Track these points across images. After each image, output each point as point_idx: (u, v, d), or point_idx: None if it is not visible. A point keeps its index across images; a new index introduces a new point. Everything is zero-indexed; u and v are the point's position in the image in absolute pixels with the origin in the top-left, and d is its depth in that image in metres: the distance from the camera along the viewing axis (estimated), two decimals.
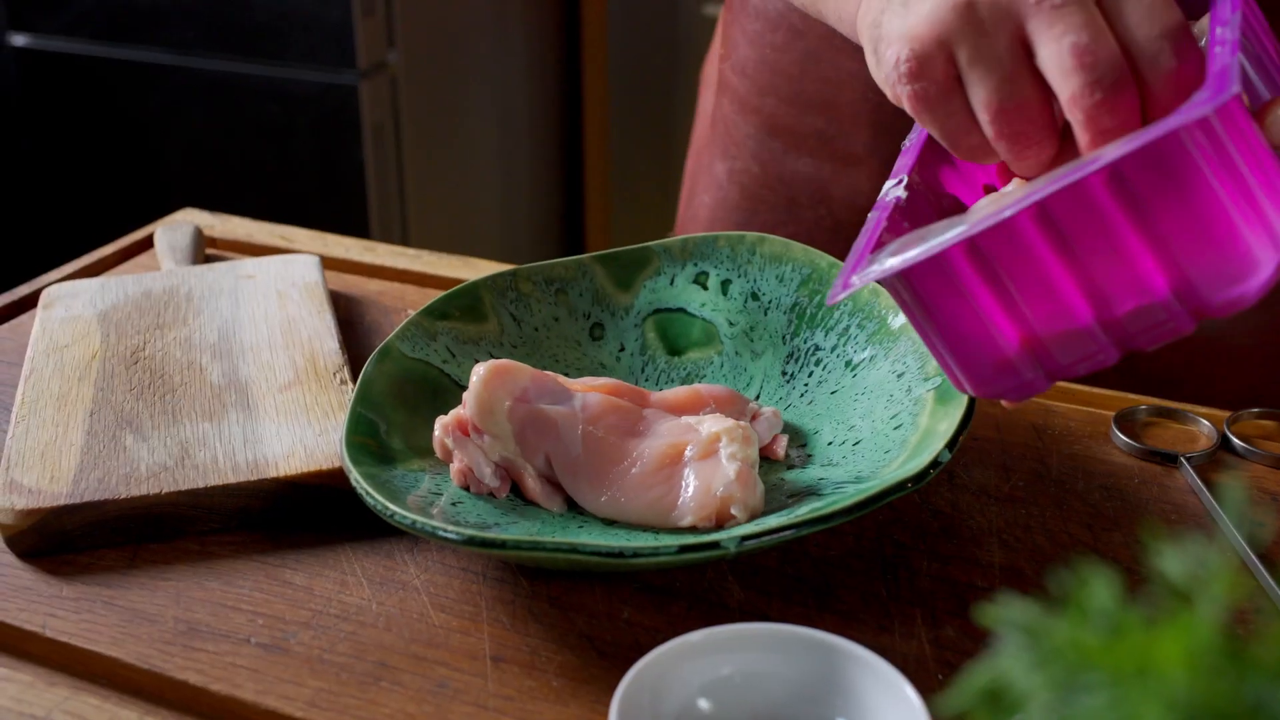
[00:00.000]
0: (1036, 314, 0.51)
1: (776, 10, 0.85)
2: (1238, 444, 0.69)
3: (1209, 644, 0.22)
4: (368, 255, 0.94)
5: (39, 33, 2.16)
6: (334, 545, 0.63)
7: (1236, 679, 0.22)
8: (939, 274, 0.51)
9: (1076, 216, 0.49)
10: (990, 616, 0.25)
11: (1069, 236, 0.49)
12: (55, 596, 0.59)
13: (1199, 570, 0.23)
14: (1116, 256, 0.49)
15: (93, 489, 0.63)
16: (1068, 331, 0.51)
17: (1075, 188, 0.48)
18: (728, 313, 0.75)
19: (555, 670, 0.55)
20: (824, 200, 0.86)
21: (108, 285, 0.84)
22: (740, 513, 0.59)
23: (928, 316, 0.53)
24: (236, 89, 2.06)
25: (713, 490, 0.59)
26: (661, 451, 0.62)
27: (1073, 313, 0.51)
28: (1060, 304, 0.51)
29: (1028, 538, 0.62)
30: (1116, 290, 0.50)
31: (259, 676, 0.54)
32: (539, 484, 0.62)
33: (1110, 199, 0.48)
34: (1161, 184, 0.48)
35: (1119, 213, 0.48)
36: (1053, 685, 0.23)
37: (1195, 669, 0.22)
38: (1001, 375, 0.53)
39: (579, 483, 0.62)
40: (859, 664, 0.48)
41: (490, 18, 2.30)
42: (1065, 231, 0.49)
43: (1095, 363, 0.52)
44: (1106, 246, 0.49)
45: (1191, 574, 0.23)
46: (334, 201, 2.08)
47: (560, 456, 0.62)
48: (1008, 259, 0.50)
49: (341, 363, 0.74)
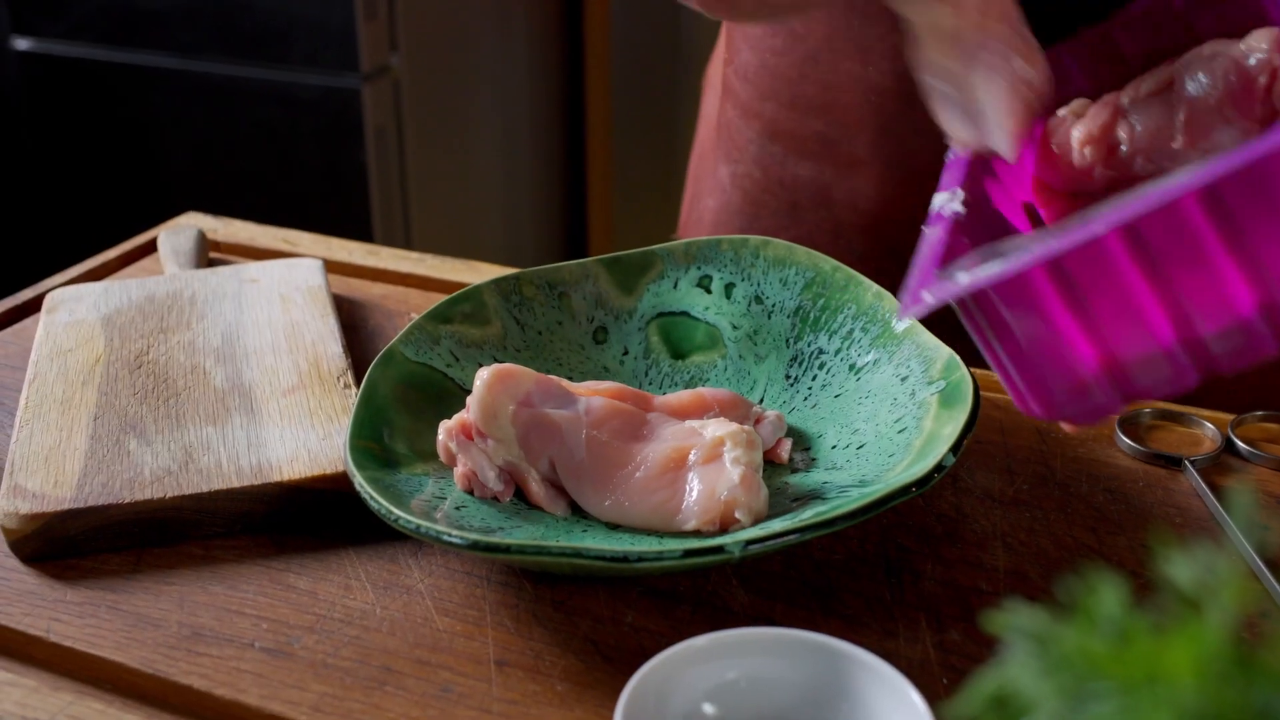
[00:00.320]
0: (1117, 335, 0.50)
1: None
2: (1242, 447, 0.69)
3: (1218, 652, 0.22)
4: (371, 259, 0.94)
5: (42, 37, 2.16)
6: (338, 549, 0.63)
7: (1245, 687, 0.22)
8: (1018, 292, 0.50)
9: (1167, 235, 0.47)
10: (998, 623, 0.25)
11: (1157, 256, 0.48)
12: (59, 601, 0.59)
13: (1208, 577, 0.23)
14: (1205, 276, 0.48)
15: (96, 493, 0.63)
16: (1149, 353, 0.50)
17: (1169, 207, 0.47)
18: (731, 316, 0.75)
19: (559, 675, 0.55)
20: (825, 204, 0.86)
21: (111, 289, 0.84)
22: (745, 517, 0.59)
23: (1001, 336, 0.51)
24: (239, 92, 2.06)
25: (717, 494, 0.59)
26: (665, 456, 0.62)
27: (1155, 334, 0.50)
28: (1143, 325, 0.49)
29: (1032, 541, 0.62)
30: (1202, 310, 0.49)
31: (263, 681, 0.54)
32: (543, 488, 0.62)
33: (1203, 218, 0.47)
34: (1258, 203, 0.46)
35: (1211, 232, 0.47)
36: (1061, 693, 0.23)
37: (1204, 677, 0.22)
38: (1074, 398, 0.52)
39: (583, 486, 0.62)
40: (864, 668, 0.48)
41: (493, 21, 2.30)
42: (1154, 250, 0.48)
43: (1174, 386, 0.51)
44: (1195, 266, 0.48)
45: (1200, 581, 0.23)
46: (337, 205, 2.08)
47: (564, 460, 0.62)
48: (1091, 278, 0.49)
49: (345, 366, 0.74)
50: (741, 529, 0.59)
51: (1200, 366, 0.50)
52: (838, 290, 0.72)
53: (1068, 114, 0.64)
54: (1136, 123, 0.60)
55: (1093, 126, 0.61)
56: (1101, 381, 0.51)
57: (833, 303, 0.72)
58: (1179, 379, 0.51)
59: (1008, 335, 0.51)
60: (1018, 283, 0.50)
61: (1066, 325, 0.50)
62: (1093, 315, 0.50)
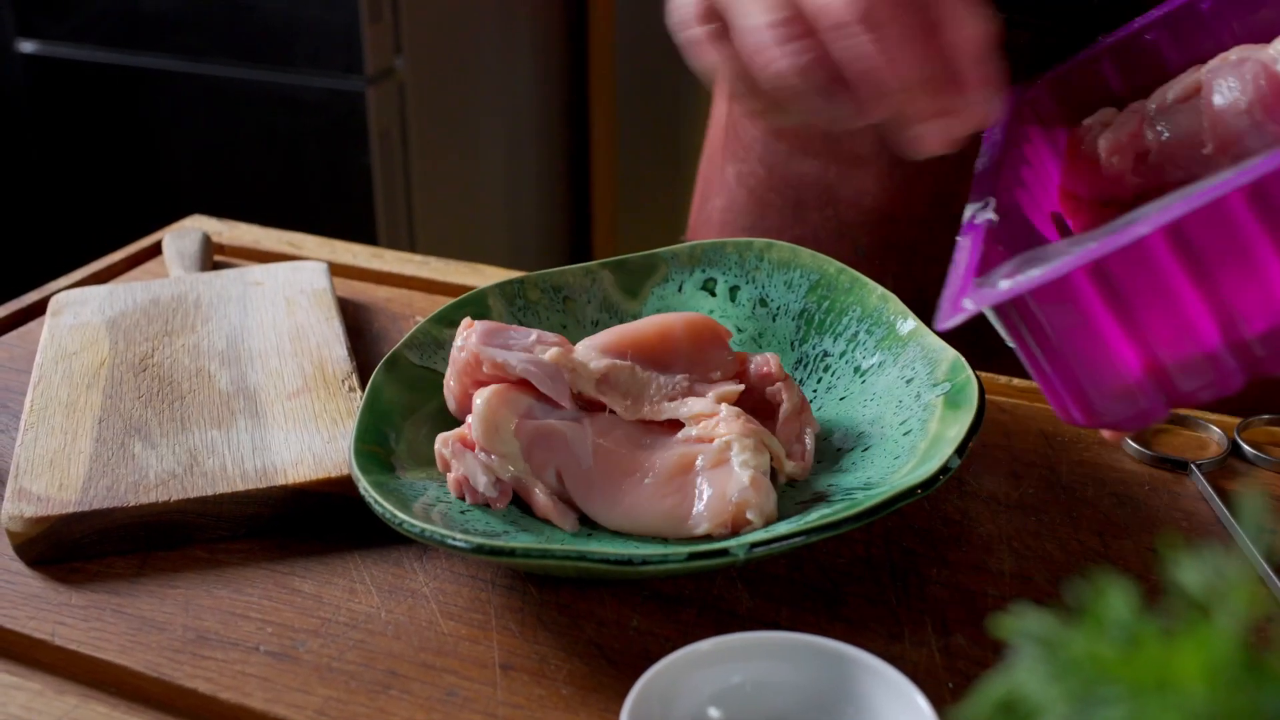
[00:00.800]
0: (1162, 338, 0.49)
1: None
2: (1248, 451, 0.69)
3: (1228, 657, 0.22)
4: (376, 262, 0.94)
5: (47, 39, 2.17)
6: (343, 553, 0.62)
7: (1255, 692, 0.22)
8: (1060, 296, 0.49)
9: (1211, 235, 0.47)
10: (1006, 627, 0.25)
11: (1202, 256, 0.47)
12: (64, 604, 0.59)
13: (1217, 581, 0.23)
14: (1251, 277, 0.47)
15: (101, 497, 0.63)
16: (1194, 356, 0.49)
17: (1213, 206, 0.46)
18: (736, 319, 0.75)
19: (564, 678, 0.54)
20: (830, 202, 0.86)
21: (116, 292, 0.84)
22: (756, 518, 0.59)
23: (1043, 342, 0.51)
24: (244, 95, 2.06)
25: (727, 497, 0.59)
26: (673, 461, 0.62)
27: (1201, 336, 0.49)
28: (1188, 327, 0.49)
29: (1038, 545, 0.62)
30: (1248, 311, 0.48)
31: (268, 685, 0.54)
32: (550, 501, 0.61)
33: (1249, 216, 0.46)
34: None
35: (1257, 231, 0.46)
36: (1070, 698, 0.23)
37: (1214, 682, 0.22)
38: (1118, 404, 0.51)
39: (591, 495, 0.62)
40: (869, 672, 0.48)
41: (497, 23, 2.30)
42: (1198, 251, 0.47)
43: (1220, 389, 0.50)
44: (1241, 266, 0.47)
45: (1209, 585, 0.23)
46: (341, 207, 2.08)
47: (571, 470, 0.62)
48: (1135, 281, 0.48)
49: (350, 370, 0.74)
50: (753, 530, 0.59)
51: (1246, 368, 0.50)
52: (842, 293, 0.72)
53: (1094, 123, 0.64)
54: (1164, 130, 0.60)
55: (1120, 134, 0.61)
56: (1145, 386, 0.51)
57: (837, 305, 0.72)
58: (1225, 382, 0.50)
59: (1049, 341, 0.51)
60: (1060, 287, 0.49)
61: (1110, 329, 0.50)
62: (1136, 319, 0.49)
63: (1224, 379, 0.50)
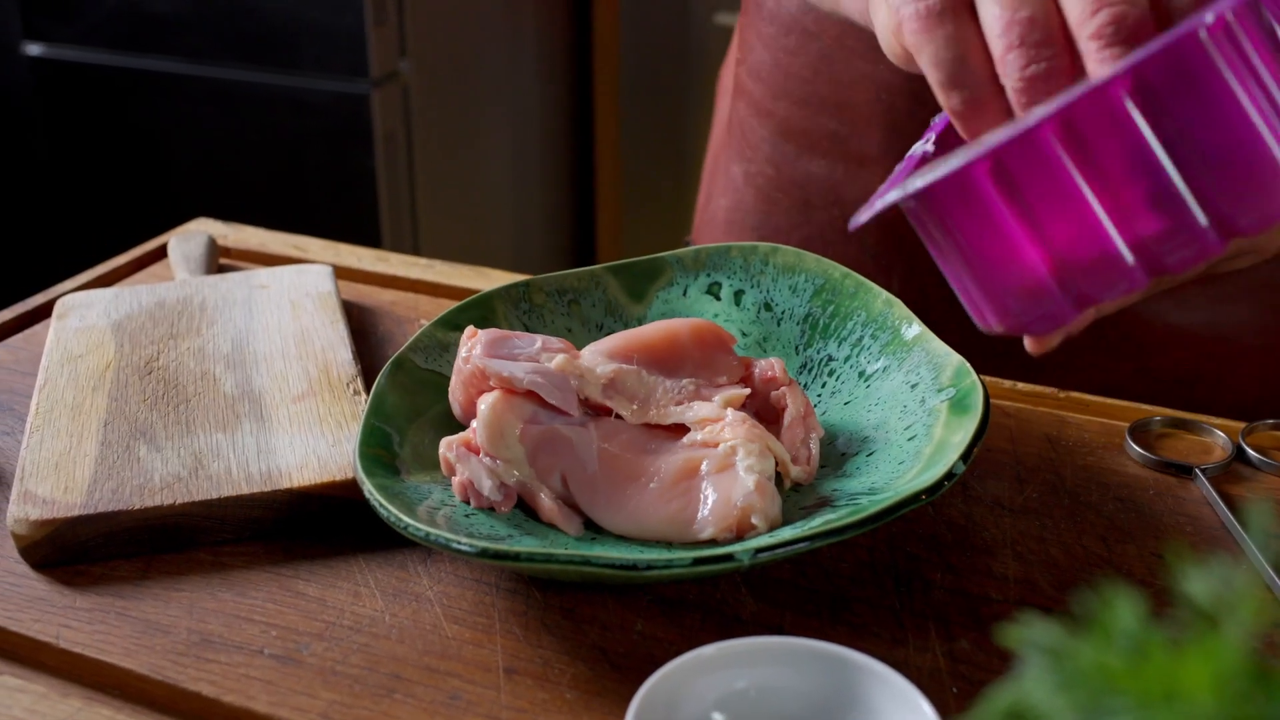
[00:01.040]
0: (1061, 235, 0.50)
1: (790, 14, 0.85)
2: (1253, 455, 0.69)
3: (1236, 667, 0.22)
4: (381, 265, 0.94)
5: (53, 42, 2.17)
6: (347, 556, 0.63)
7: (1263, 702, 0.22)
8: (960, 194, 0.50)
9: (1099, 126, 0.47)
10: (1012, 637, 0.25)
11: (1092, 148, 0.48)
12: (69, 607, 0.59)
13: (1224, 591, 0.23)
14: (1139, 169, 0.48)
15: (106, 500, 0.63)
16: (1095, 253, 0.50)
17: (1095, 93, 0.47)
18: (741, 324, 0.75)
19: (568, 682, 0.54)
20: (837, 201, 0.87)
21: (122, 295, 0.84)
22: (761, 523, 0.59)
23: (950, 240, 0.52)
24: (249, 98, 2.07)
25: (733, 501, 0.59)
26: (678, 466, 0.62)
27: (1099, 232, 0.49)
28: (1086, 223, 0.49)
29: (1042, 550, 0.62)
30: (1137, 206, 0.48)
31: (272, 688, 0.54)
32: (555, 505, 0.61)
33: (1133, 106, 0.47)
34: (1183, 89, 0.46)
35: (1142, 120, 0.47)
36: (1077, 708, 0.23)
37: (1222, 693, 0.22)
38: (1026, 303, 0.51)
39: (596, 500, 0.62)
40: (873, 677, 0.48)
41: (502, 27, 2.30)
42: (1088, 143, 0.48)
43: (1124, 288, 0.50)
44: (1129, 159, 0.48)
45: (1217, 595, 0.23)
46: (346, 210, 2.08)
47: (576, 474, 0.62)
48: (1030, 174, 0.49)
49: (355, 373, 0.74)
50: (757, 535, 0.59)
51: (1148, 268, 0.50)
52: (847, 297, 0.72)
53: None
54: None
55: None
56: (1051, 285, 0.51)
57: (842, 310, 0.72)
58: (1127, 280, 0.50)
59: (958, 240, 0.51)
60: (959, 182, 0.50)
61: (1011, 226, 0.50)
62: (1035, 214, 0.50)
63: (1127, 277, 0.50)
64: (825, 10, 0.83)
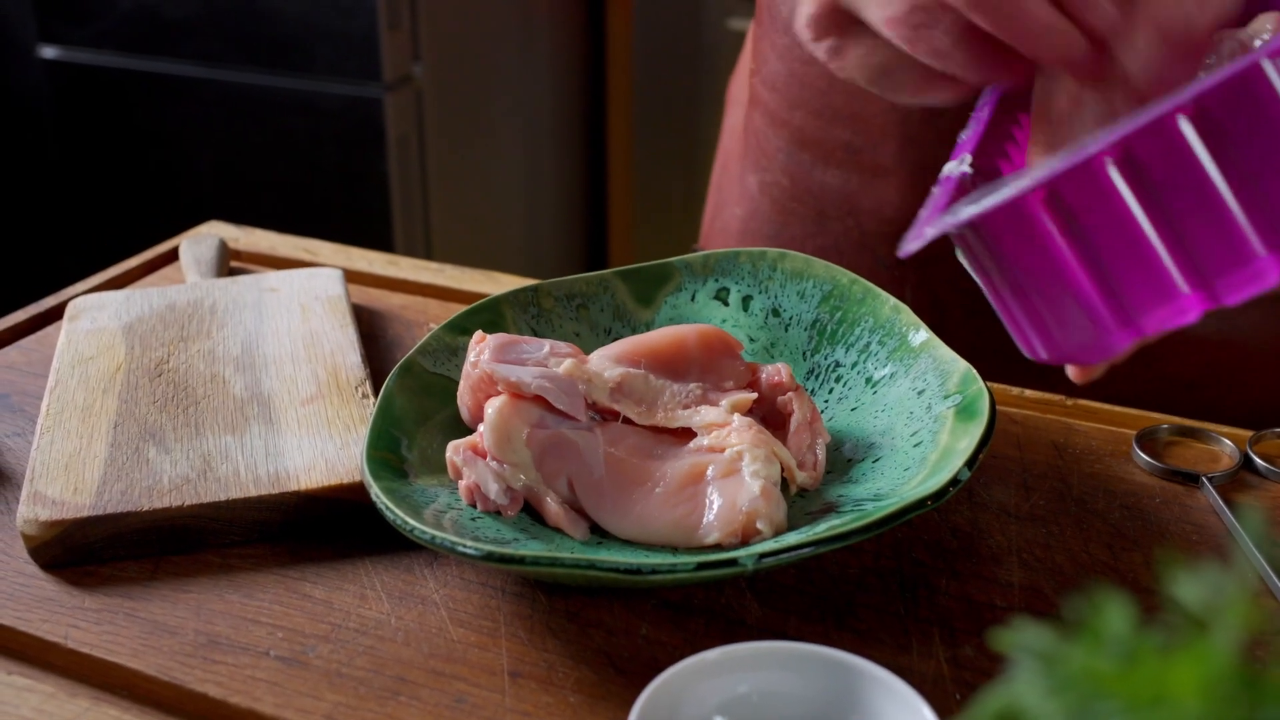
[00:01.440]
0: (1117, 264, 0.49)
1: None
2: (1260, 464, 0.69)
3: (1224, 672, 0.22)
4: (391, 269, 0.95)
5: (68, 45, 2.18)
6: (354, 559, 0.63)
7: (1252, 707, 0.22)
8: (1014, 222, 0.49)
9: (1158, 154, 0.47)
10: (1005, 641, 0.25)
11: (1150, 177, 0.47)
12: (78, 608, 0.60)
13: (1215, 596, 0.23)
14: (1199, 198, 0.47)
15: (115, 501, 0.63)
16: (1150, 284, 0.49)
17: (1156, 123, 0.46)
18: (749, 329, 0.75)
19: (572, 686, 0.55)
20: (852, 212, 0.87)
21: (133, 297, 0.84)
22: (766, 528, 0.59)
23: (1000, 269, 0.51)
24: (262, 101, 2.07)
25: (738, 506, 0.59)
26: (684, 471, 0.62)
27: (1155, 263, 0.49)
28: (1142, 252, 0.49)
29: (1048, 557, 0.62)
30: (1198, 234, 0.48)
31: (278, 689, 0.55)
32: (561, 509, 0.62)
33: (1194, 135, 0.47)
34: (1245, 118, 0.46)
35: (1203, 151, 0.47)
36: (1067, 712, 0.23)
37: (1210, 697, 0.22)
38: (1077, 333, 0.51)
39: (602, 504, 0.62)
40: (876, 683, 0.48)
41: (515, 30, 2.31)
42: (1146, 171, 0.47)
43: (1178, 318, 0.50)
44: (1188, 187, 0.47)
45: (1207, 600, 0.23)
46: (358, 213, 2.09)
47: (583, 479, 0.62)
48: (1087, 203, 0.48)
49: (364, 376, 0.74)
50: (763, 540, 0.59)
51: (1203, 298, 0.49)
52: (855, 303, 0.72)
53: None
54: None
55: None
56: (1104, 315, 0.50)
57: (850, 316, 0.72)
58: (1183, 311, 0.49)
59: (1007, 269, 0.51)
60: (1014, 211, 0.49)
61: (1065, 255, 0.50)
62: (1090, 243, 0.49)
63: (1182, 307, 0.49)
64: None
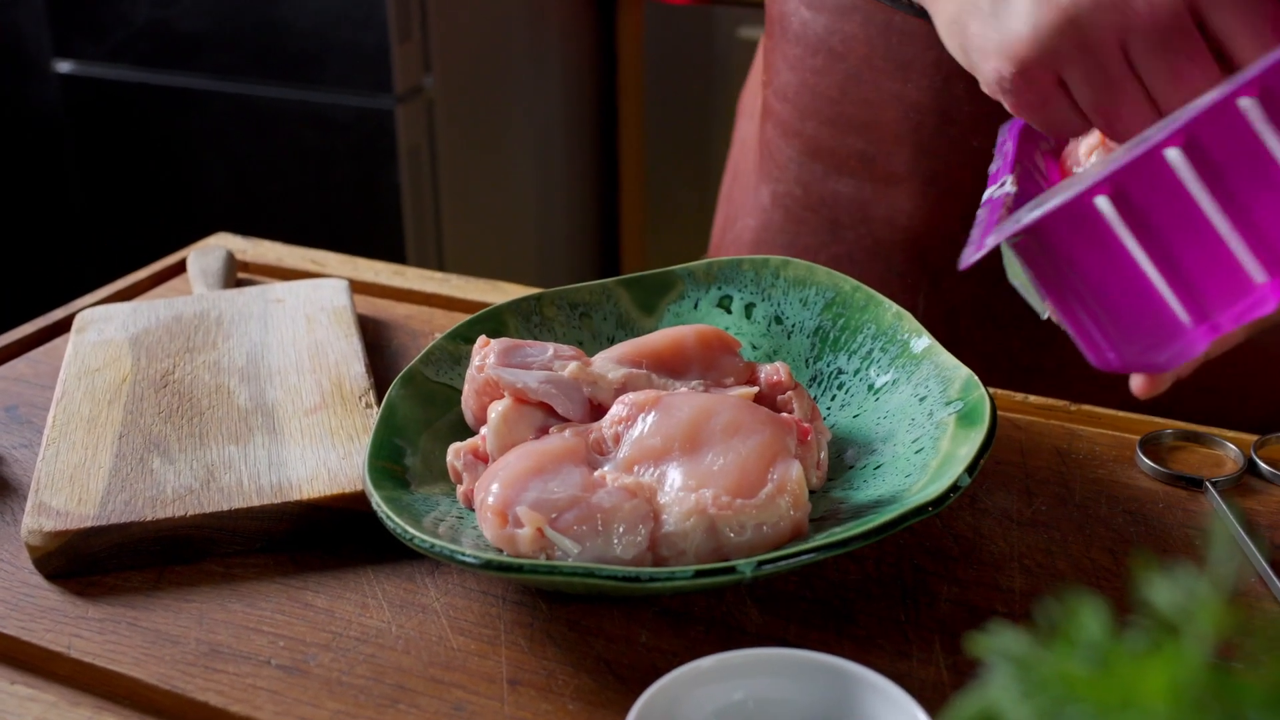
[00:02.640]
0: (1187, 259, 0.47)
1: (816, 35, 0.86)
2: (1264, 468, 0.68)
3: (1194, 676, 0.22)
4: (397, 279, 0.95)
5: (83, 59, 2.20)
6: (355, 568, 0.63)
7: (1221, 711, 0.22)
8: (1079, 223, 0.47)
9: (1223, 140, 0.45)
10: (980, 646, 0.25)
11: (1218, 165, 0.45)
12: (81, 618, 0.60)
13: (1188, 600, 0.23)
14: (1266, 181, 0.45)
15: (119, 511, 0.64)
16: (1223, 277, 0.47)
17: (1218, 107, 0.45)
18: (751, 336, 0.75)
19: (571, 694, 0.55)
20: (865, 220, 0.87)
21: (140, 309, 0.85)
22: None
23: (1067, 274, 0.49)
24: (275, 114, 2.08)
25: None
26: None
27: (1227, 254, 0.46)
28: (1213, 245, 0.46)
29: (1050, 563, 0.62)
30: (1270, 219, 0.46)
31: (278, 698, 0.55)
32: None
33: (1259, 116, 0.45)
34: None
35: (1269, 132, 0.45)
36: (1040, 715, 0.23)
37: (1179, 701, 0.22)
38: (1149, 335, 0.49)
39: None
40: (872, 690, 0.48)
41: (526, 43, 2.32)
42: (1212, 158, 0.45)
43: (1256, 309, 0.47)
44: (1255, 172, 0.45)
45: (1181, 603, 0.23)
46: (370, 225, 2.10)
47: None
48: (1152, 195, 0.46)
49: (367, 386, 0.75)
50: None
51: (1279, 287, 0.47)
52: (857, 310, 0.72)
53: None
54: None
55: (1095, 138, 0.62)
56: (1177, 314, 0.48)
57: (852, 323, 0.72)
58: (1258, 303, 0.47)
59: (1074, 274, 0.49)
60: (1077, 211, 0.47)
61: (1133, 251, 0.48)
62: (1158, 236, 0.47)
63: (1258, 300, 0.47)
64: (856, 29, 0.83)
